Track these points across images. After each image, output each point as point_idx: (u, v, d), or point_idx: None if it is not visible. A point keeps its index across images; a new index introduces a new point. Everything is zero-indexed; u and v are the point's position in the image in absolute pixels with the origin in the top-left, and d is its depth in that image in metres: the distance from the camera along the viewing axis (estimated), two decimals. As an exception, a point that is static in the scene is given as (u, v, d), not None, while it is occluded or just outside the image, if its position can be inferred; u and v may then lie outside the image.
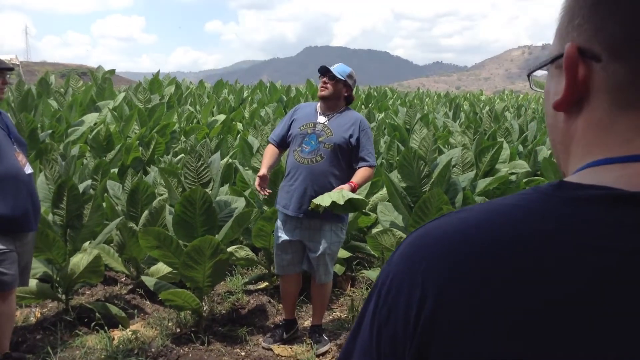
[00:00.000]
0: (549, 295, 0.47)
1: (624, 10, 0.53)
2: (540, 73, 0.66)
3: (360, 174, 3.26)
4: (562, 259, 0.48)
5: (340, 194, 2.97)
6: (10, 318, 2.98)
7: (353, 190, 3.13)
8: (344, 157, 3.31)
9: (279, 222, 3.47)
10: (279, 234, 3.44)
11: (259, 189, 3.38)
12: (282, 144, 3.50)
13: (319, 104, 3.44)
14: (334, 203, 2.93)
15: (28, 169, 3.04)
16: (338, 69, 3.36)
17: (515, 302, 0.47)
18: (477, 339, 0.48)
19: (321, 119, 3.36)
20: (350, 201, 2.98)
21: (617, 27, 0.53)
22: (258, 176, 3.36)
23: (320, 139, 3.29)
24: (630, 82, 0.53)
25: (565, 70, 0.57)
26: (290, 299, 3.64)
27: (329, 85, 3.33)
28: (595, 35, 0.55)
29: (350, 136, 3.29)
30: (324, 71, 3.37)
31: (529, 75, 0.69)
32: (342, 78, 3.34)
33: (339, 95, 3.38)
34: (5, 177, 2.87)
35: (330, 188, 3.19)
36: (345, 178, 3.28)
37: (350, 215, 4.51)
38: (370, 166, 3.30)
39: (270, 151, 3.50)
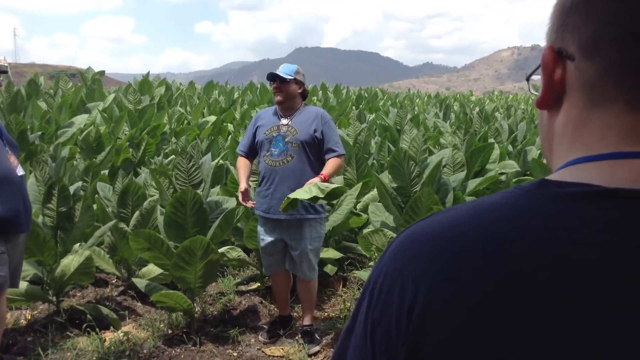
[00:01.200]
0: (540, 294, 0.48)
1: (595, 11, 0.55)
2: (537, 77, 0.68)
3: (330, 164, 3.36)
4: (552, 256, 0.48)
5: (316, 187, 3.03)
6: (1, 320, 2.96)
7: (324, 181, 3.22)
8: (313, 152, 3.41)
9: (259, 227, 3.57)
10: (262, 237, 3.54)
11: (243, 203, 3.46)
12: (251, 153, 3.59)
13: (277, 108, 3.53)
14: (315, 198, 3.00)
15: (20, 171, 3.02)
16: (284, 70, 3.47)
17: (507, 301, 0.48)
18: (469, 338, 0.48)
19: (284, 120, 3.46)
20: (329, 192, 3.04)
21: (588, 27, 0.56)
22: (240, 192, 3.41)
23: (286, 140, 3.38)
24: (599, 80, 0.55)
25: (542, 69, 0.60)
26: (281, 296, 3.75)
27: (282, 89, 3.43)
28: (572, 36, 0.57)
29: (315, 130, 3.39)
30: (273, 77, 3.46)
31: (527, 79, 0.71)
32: (291, 77, 3.43)
33: (294, 95, 3.48)
34: None
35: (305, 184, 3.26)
36: (318, 171, 3.36)
37: (341, 216, 4.53)
38: (338, 155, 3.40)
39: (242, 163, 3.57)
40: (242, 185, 3.42)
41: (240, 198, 3.45)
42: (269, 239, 3.49)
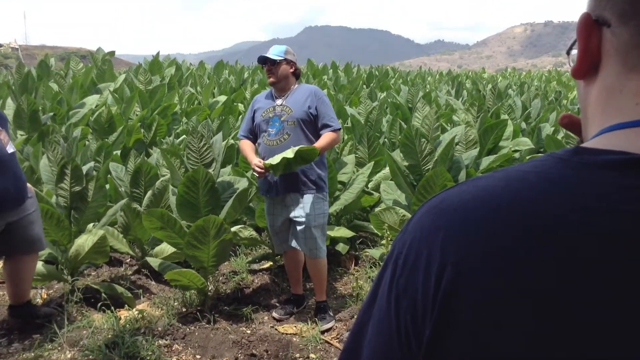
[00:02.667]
0: (582, 264, 0.47)
1: None
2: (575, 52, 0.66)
3: (324, 138, 3.41)
4: (586, 226, 0.48)
5: (289, 150, 3.14)
6: None
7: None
8: (309, 129, 3.44)
9: (265, 207, 3.64)
10: (269, 218, 3.61)
11: (261, 174, 3.36)
12: (252, 136, 3.62)
13: (272, 90, 3.59)
14: (284, 159, 3.10)
15: (10, 148, 3.02)
16: (274, 52, 3.51)
17: (539, 271, 0.47)
18: (499, 309, 0.47)
19: (278, 101, 3.51)
20: (299, 153, 3.14)
21: None
22: (255, 165, 3.33)
23: (282, 119, 3.43)
24: (634, 45, 0.54)
25: (578, 37, 0.59)
26: (294, 274, 3.81)
27: (273, 70, 3.47)
28: (608, 3, 0.56)
29: (309, 107, 3.42)
30: (263, 61, 3.51)
31: (568, 53, 0.70)
32: (282, 58, 3.47)
33: (286, 75, 3.51)
34: None
35: None
36: None
37: (353, 195, 4.52)
38: (334, 130, 3.42)
39: (245, 143, 3.60)
40: (254, 159, 3.39)
41: (256, 171, 3.35)
42: (275, 218, 3.57)
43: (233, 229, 4.08)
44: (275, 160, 3.16)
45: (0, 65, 34.79)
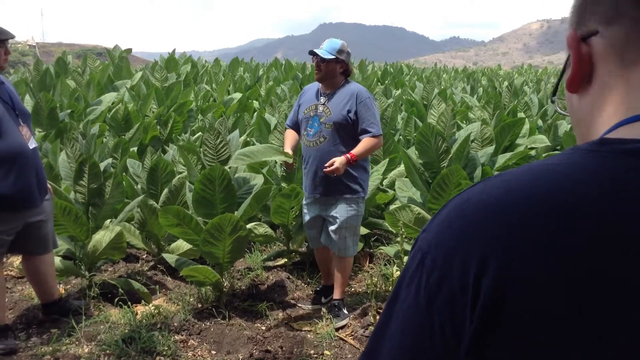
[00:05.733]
0: (616, 253, 0.46)
1: None
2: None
3: (362, 144, 3.33)
4: (624, 216, 0.47)
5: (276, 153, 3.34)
6: (3, 289, 3.15)
7: (349, 161, 3.24)
8: (347, 133, 3.37)
9: (303, 201, 3.70)
10: (304, 212, 3.67)
11: (287, 167, 3.60)
12: (297, 128, 3.64)
13: (320, 85, 3.51)
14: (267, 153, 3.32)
15: (32, 143, 3.04)
16: (327, 47, 3.38)
17: (583, 261, 0.47)
18: (549, 298, 0.47)
19: (322, 99, 3.45)
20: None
21: (607, 3, 0.57)
22: (284, 152, 3.45)
23: (321, 120, 3.40)
24: (628, 40, 0.56)
25: (568, 48, 0.61)
26: (324, 267, 3.88)
27: (321, 67, 3.38)
28: (592, 13, 0.59)
29: (349, 111, 3.34)
30: (313, 54, 3.41)
31: (554, 93, 0.73)
32: (332, 56, 3.35)
33: (334, 74, 3.42)
34: (8, 155, 2.86)
35: None
36: None
37: (368, 192, 4.51)
38: (373, 136, 3.33)
39: (289, 133, 3.64)
40: (287, 149, 3.48)
41: (283, 158, 3.43)
42: (309, 214, 3.61)
43: (248, 225, 4.10)
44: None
45: (17, 62, 35.22)
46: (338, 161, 3.21)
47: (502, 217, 0.51)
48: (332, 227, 3.47)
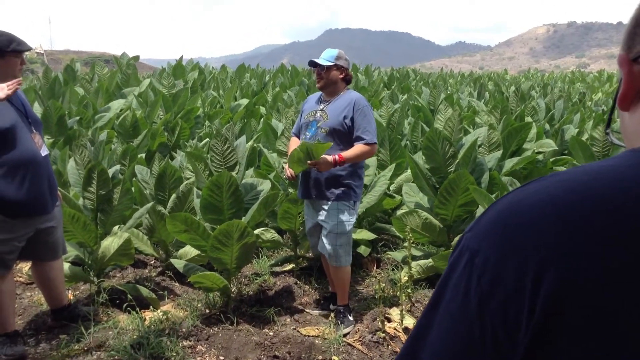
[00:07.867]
0: None
1: None
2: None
3: (353, 149, 3.36)
4: None
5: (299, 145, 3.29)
6: (12, 295, 3.15)
7: (336, 162, 3.30)
8: (342, 139, 3.41)
9: (303, 209, 3.76)
10: (305, 219, 3.75)
11: (288, 177, 3.56)
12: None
13: (322, 93, 3.59)
14: (293, 153, 3.25)
15: (44, 151, 3.07)
16: (325, 56, 3.50)
17: None
18: (611, 299, 0.47)
19: (321, 106, 3.54)
20: (307, 147, 3.21)
21: None
22: (286, 168, 3.53)
23: (318, 125, 3.46)
24: None
25: (620, 68, 0.63)
26: (329, 274, 3.88)
27: (322, 75, 3.46)
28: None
29: (345, 117, 3.39)
30: (314, 64, 3.49)
31: (607, 133, 0.73)
32: (332, 63, 3.44)
33: (335, 81, 3.49)
34: (21, 163, 2.88)
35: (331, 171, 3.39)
36: None
37: (375, 197, 4.52)
38: (366, 143, 3.36)
39: (293, 142, 3.70)
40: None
41: (286, 172, 3.53)
42: (308, 220, 3.68)
43: (256, 231, 4.11)
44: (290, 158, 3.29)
45: (26, 70, 35.48)
46: (322, 158, 3.28)
47: (562, 217, 0.50)
48: (323, 232, 3.49)
